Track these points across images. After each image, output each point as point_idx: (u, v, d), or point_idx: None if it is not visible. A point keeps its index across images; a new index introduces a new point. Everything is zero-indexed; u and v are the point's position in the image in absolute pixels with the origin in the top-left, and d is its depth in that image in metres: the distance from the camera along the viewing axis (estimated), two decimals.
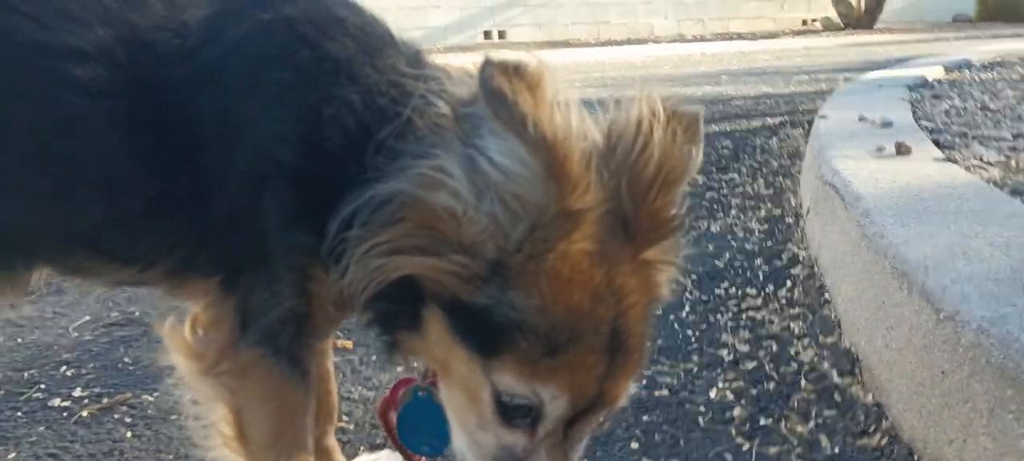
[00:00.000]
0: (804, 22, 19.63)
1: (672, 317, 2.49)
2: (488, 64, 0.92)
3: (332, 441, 1.57)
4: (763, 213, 3.48)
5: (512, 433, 1.08)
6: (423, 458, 1.45)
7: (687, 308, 2.56)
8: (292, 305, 1.15)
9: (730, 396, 2.01)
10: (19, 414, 1.99)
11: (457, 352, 1.06)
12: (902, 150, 2.99)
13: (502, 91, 0.91)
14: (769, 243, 3.09)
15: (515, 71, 0.92)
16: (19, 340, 2.38)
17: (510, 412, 1.06)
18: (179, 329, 1.25)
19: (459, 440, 1.17)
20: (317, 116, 1.11)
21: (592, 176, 1.00)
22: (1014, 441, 1.38)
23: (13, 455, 1.81)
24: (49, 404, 2.03)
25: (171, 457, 1.78)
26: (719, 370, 2.15)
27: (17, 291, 1.28)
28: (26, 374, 2.19)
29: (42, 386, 2.12)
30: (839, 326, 2.28)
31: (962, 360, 1.53)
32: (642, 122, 1.04)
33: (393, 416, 1.40)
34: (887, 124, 3.63)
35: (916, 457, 1.68)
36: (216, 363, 1.18)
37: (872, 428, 1.81)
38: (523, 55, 1.00)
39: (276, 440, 1.21)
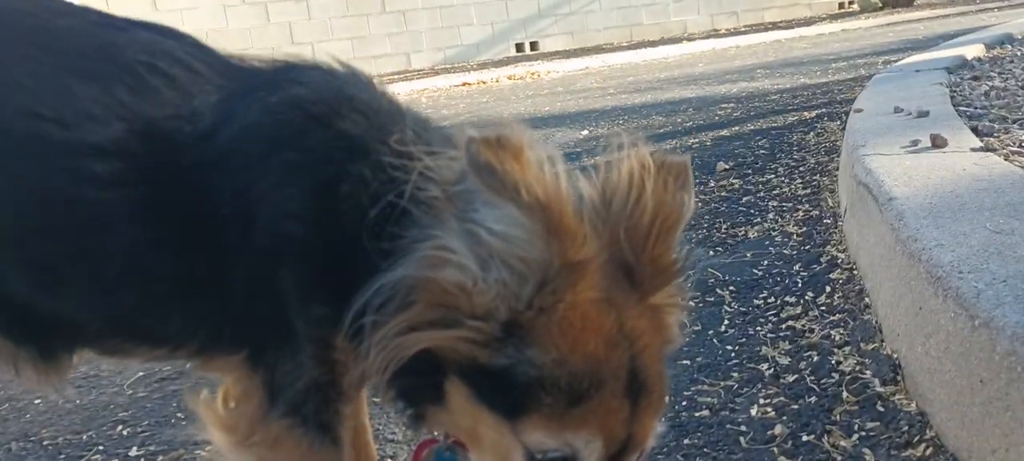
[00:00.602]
0: (841, 5, 19.25)
1: (711, 332, 2.49)
2: (472, 141, 0.95)
3: None
4: (801, 215, 3.45)
5: None
6: None
7: (726, 322, 2.55)
8: (316, 375, 1.19)
9: (771, 412, 2.00)
10: None
11: (483, 418, 1.08)
12: (937, 143, 2.94)
13: (490, 163, 0.95)
14: (807, 247, 3.06)
15: (498, 143, 0.96)
16: (77, 402, 2.48)
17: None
18: (211, 403, 1.30)
19: None
20: (331, 193, 1.15)
21: (588, 227, 1.04)
22: None
23: None
24: None
25: None
26: (759, 385, 2.14)
27: (61, 376, 1.35)
28: (85, 436, 2.28)
29: (100, 448, 2.21)
30: (880, 332, 2.25)
31: (999, 368, 1.50)
32: (633, 175, 1.07)
33: None
34: (923, 114, 3.56)
35: None
36: (248, 435, 1.23)
37: (916, 438, 1.79)
38: (501, 125, 1.04)
39: None
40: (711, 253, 3.17)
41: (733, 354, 2.33)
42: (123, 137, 1.18)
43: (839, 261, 2.84)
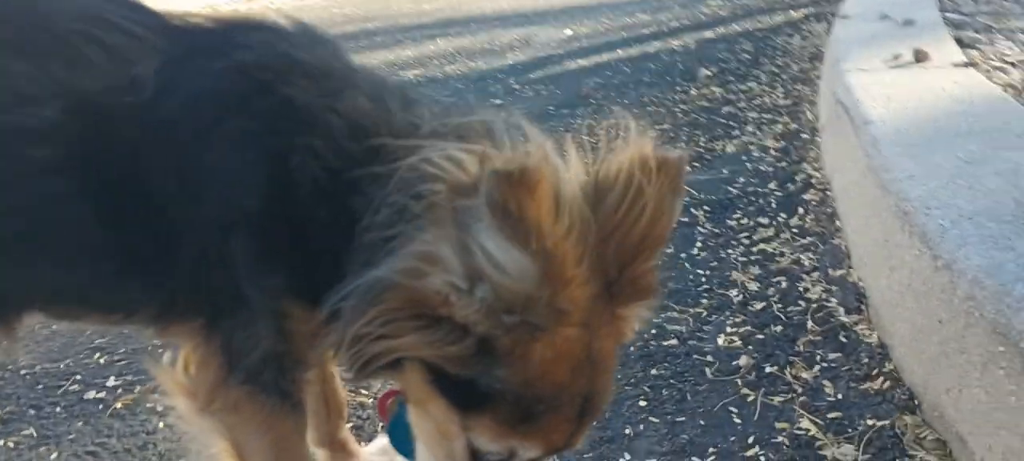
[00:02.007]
0: None
1: (684, 256, 2.50)
2: (492, 177, 0.89)
3: (345, 434, 1.64)
4: (779, 128, 3.42)
5: None
6: None
7: (699, 244, 2.56)
8: (271, 345, 1.18)
9: (738, 342, 2.04)
10: (58, 409, 2.10)
11: (435, 401, 1.09)
12: (920, 57, 2.89)
13: (508, 207, 0.90)
14: (784, 164, 3.05)
15: (519, 179, 0.89)
16: (53, 328, 2.49)
17: (482, 457, 1.10)
18: (171, 371, 1.30)
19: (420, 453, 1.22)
20: (280, 163, 1.12)
21: (586, 273, 0.99)
22: (1005, 397, 1.39)
23: (55, 455, 1.93)
24: (85, 397, 2.14)
25: (200, 446, 1.88)
26: (728, 313, 2.17)
27: (12, 340, 1.34)
28: (62, 364, 2.30)
29: (78, 377, 2.23)
30: (849, 258, 2.27)
31: (958, 311, 1.52)
32: (632, 176, 1.01)
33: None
34: (909, 23, 3.50)
35: (916, 402, 1.70)
36: (209, 401, 1.23)
37: (875, 371, 1.83)
38: (524, 153, 1.00)
39: None
40: (688, 169, 3.16)
41: (704, 279, 2.35)
42: (60, 119, 1.13)
43: (814, 181, 2.84)
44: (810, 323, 2.04)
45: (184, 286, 1.19)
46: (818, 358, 1.91)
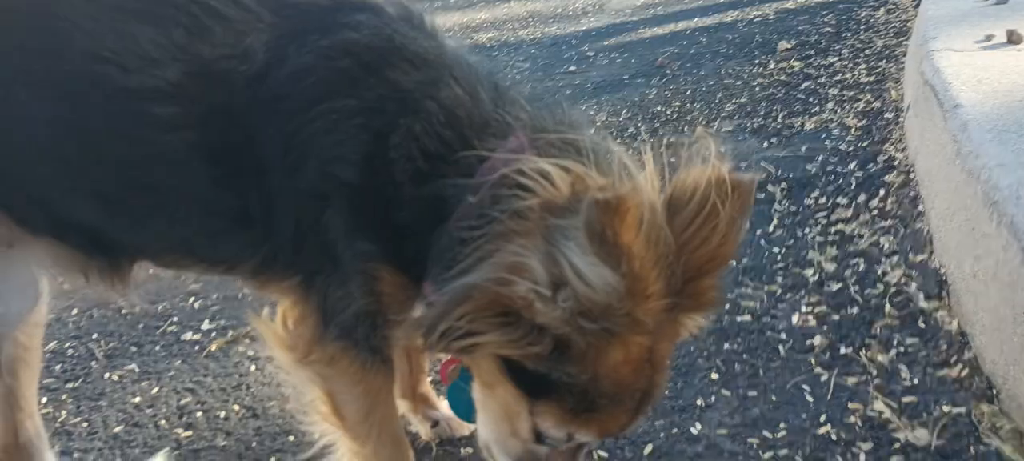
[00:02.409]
0: None
1: (759, 232, 2.51)
2: (593, 204, 0.96)
3: (426, 387, 1.73)
4: (861, 106, 3.36)
5: (541, 448, 1.25)
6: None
7: (775, 221, 2.56)
8: (363, 304, 1.26)
9: (812, 321, 2.05)
10: (157, 348, 2.24)
11: (505, 385, 1.19)
12: (1013, 39, 2.80)
13: (604, 233, 0.97)
14: (865, 143, 3.01)
15: (616, 207, 0.96)
16: (149, 271, 2.63)
17: (543, 437, 1.22)
18: (272, 324, 1.39)
19: (486, 435, 1.33)
20: (381, 142, 1.19)
21: (662, 288, 1.06)
22: None
23: (156, 389, 2.06)
24: (182, 338, 2.27)
25: (291, 390, 1.99)
26: (803, 292, 2.18)
27: (125, 284, 1.44)
28: (160, 306, 2.45)
29: (175, 319, 2.37)
30: (930, 243, 2.25)
31: None
32: (707, 198, 1.07)
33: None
34: (1002, 2, 3.37)
35: (995, 391, 1.70)
36: (307, 354, 1.32)
37: (953, 358, 1.83)
38: (617, 178, 1.09)
39: (367, 416, 1.36)
40: (765, 145, 3.14)
41: (779, 257, 2.36)
42: (181, 80, 1.21)
43: (896, 162, 2.79)
44: (888, 307, 2.04)
45: (283, 246, 1.28)
46: (895, 342, 1.91)
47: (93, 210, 1.34)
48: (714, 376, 1.91)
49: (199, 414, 1.95)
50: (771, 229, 2.51)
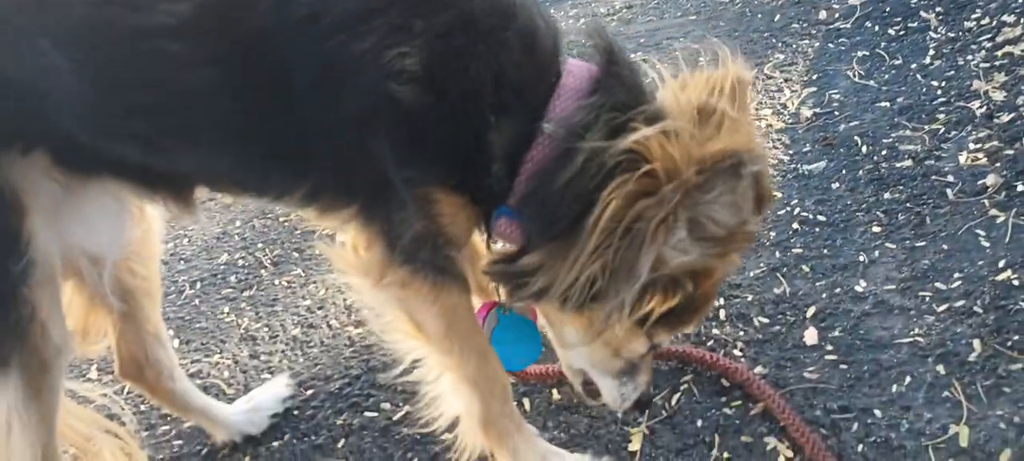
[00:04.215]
0: None
1: (914, 66, 2.33)
2: (740, 163, 1.09)
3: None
4: None
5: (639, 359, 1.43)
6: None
7: (931, 52, 2.37)
8: (421, 227, 1.25)
9: (982, 159, 1.91)
10: (318, 252, 2.36)
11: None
12: None
13: (760, 194, 1.15)
14: None
15: (764, 172, 1.15)
16: None
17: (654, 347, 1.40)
18: (344, 252, 1.39)
19: (581, 363, 1.47)
20: (444, 66, 1.15)
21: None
22: None
23: (322, 291, 2.19)
24: (339, 240, 2.38)
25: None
26: (970, 127, 2.02)
27: (192, 210, 1.46)
28: None
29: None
30: None
31: None
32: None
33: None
34: None
35: None
36: (381, 278, 1.32)
37: None
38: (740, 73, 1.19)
39: (448, 331, 1.37)
40: None
41: (939, 92, 2.19)
42: (194, 14, 1.17)
43: None
44: None
45: (328, 175, 1.26)
46: None
47: (133, 149, 1.34)
48: (876, 229, 1.83)
49: (366, 311, 2.05)
50: (927, 60, 2.33)
